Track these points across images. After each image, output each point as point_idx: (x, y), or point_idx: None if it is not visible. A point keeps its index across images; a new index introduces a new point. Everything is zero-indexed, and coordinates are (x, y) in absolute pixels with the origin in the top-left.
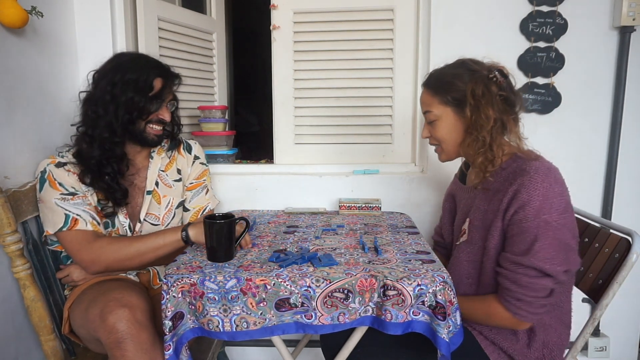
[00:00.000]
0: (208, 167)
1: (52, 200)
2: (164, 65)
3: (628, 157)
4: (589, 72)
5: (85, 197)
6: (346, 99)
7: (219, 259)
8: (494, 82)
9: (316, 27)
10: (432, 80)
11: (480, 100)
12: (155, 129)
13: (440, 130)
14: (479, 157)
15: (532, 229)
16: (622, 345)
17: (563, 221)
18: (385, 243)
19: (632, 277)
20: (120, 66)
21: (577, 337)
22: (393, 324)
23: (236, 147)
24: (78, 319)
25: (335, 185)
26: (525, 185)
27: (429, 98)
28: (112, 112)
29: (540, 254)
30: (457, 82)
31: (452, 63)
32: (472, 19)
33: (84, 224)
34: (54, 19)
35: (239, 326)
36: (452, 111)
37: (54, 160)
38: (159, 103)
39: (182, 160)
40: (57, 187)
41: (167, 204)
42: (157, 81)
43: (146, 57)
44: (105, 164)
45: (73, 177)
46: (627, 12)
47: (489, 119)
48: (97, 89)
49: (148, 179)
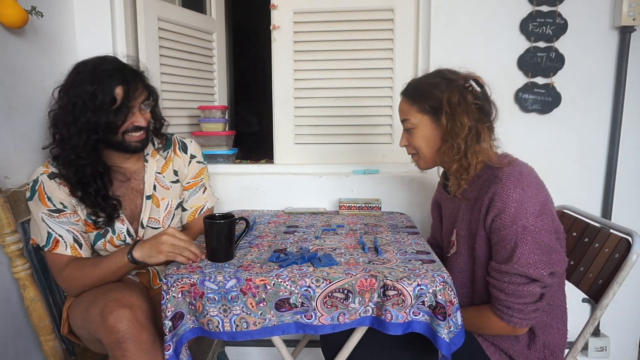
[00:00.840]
0: (206, 165)
1: (39, 214)
2: (124, 69)
3: (628, 157)
4: (589, 72)
5: (73, 214)
6: (346, 99)
7: (219, 259)
8: (470, 91)
9: (316, 27)
10: (410, 89)
11: (456, 108)
12: (134, 136)
13: (418, 138)
14: (453, 164)
15: (511, 235)
16: (622, 345)
17: (540, 224)
18: (385, 243)
19: (632, 277)
20: (79, 82)
21: (577, 337)
22: (393, 324)
23: (236, 147)
24: (78, 320)
25: (335, 185)
26: (498, 194)
27: (407, 106)
28: (75, 134)
29: (522, 260)
30: (434, 91)
31: (430, 73)
32: (472, 19)
33: (63, 247)
34: (53, 19)
35: (239, 326)
36: (429, 119)
37: (47, 170)
38: (126, 112)
39: (179, 160)
40: (45, 202)
41: (166, 206)
42: (118, 90)
43: (106, 62)
44: (86, 183)
45: (64, 190)
46: (627, 12)
47: (463, 127)
48: (60, 108)
49: (146, 183)
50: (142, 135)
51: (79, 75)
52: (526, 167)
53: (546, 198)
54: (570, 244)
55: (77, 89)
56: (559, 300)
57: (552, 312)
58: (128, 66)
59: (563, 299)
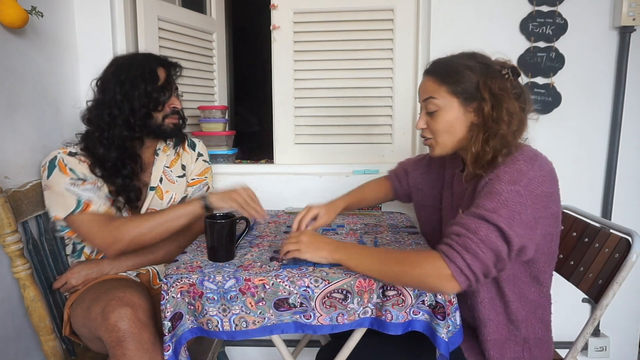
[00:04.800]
0: (210, 166)
1: (62, 185)
2: (161, 56)
3: (628, 157)
4: (589, 72)
5: (95, 185)
6: (346, 99)
7: (220, 258)
8: (507, 79)
9: (316, 27)
10: (439, 68)
11: (502, 95)
12: (172, 119)
13: (441, 122)
14: (499, 156)
15: (504, 192)
16: (622, 345)
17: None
18: (385, 243)
19: (632, 277)
20: (122, 66)
21: (577, 337)
22: (393, 324)
23: (236, 147)
24: (79, 318)
25: (335, 185)
26: (506, 163)
27: (435, 86)
28: (127, 110)
29: (506, 217)
30: (469, 74)
31: (461, 54)
32: (472, 19)
33: (96, 206)
34: (54, 19)
35: (238, 325)
36: (459, 103)
37: (66, 150)
38: (169, 91)
39: (187, 156)
40: (67, 172)
41: (169, 199)
42: (161, 71)
43: (142, 53)
44: (122, 166)
45: (84, 165)
46: (627, 12)
47: (513, 115)
48: (106, 92)
49: (153, 174)
50: (177, 120)
51: (120, 61)
52: (542, 156)
53: (554, 192)
54: (570, 244)
55: (122, 72)
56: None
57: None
58: (162, 56)
59: (548, 303)
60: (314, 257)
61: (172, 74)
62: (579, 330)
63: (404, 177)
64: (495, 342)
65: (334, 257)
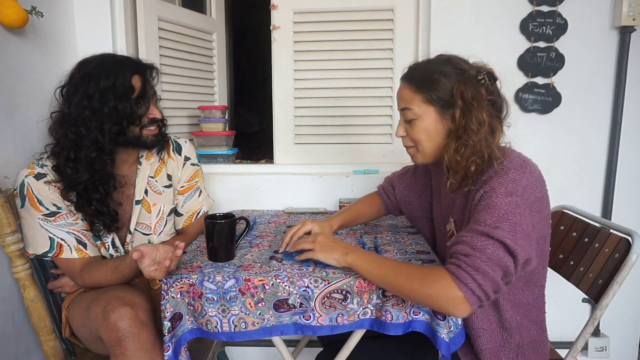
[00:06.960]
0: (200, 167)
1: (35, 220)
2: (135, 60)
3: (628, 157)
4: (589, 72)
5: (69, 214)
6: (346, 99)
7: (220, 259)
8: (483, 84)
9: (316, 27)
10: (414, 75)
11: (472, 103)
12: (151, 130)
13: (419, 130)
14: (471, 165)
15: (503, 205)
16: (622, 345)
17: (533, 213)
18: (385, 243)
19: (632, 277)
20: (90, 75)
21: (577, 337)
22: (394, 325)
23: (236, 147)
24: (79, 318)
25: (335, 185)
26: (498, 174)
27: (410, 94)
28: (96, 128)
29: (509, 230)
30: (443, 80)
31: (436, 58)
32: (472, 19)
33: (68, 251)
34: (54, 19)
35: (238, 326)
36: (435, 111)
37: (33, 171)
38: (146, 103)
39: (172, 164)
40: (37, 206)
41: (158, 212)
42: (136, 79)
43: (113, 56)
44: (93, 188)
45: (54, 190)
46: (627, 12)
47: (482, 124)
48: (72, 105)
49: (137, 187)
50: (157, 129)
51: (89, 67)
52: (529, 159)
53: (541, 193)
54: (570, 244)
55: (91, 81)
56: (539, 305)
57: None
58: (135, 58)
59: (543, 303)
60: (326, 258)
61: (149, 80)
62: (579, 330)
63: (391, 191)
64: (490, 350)
65: (346, 261)
